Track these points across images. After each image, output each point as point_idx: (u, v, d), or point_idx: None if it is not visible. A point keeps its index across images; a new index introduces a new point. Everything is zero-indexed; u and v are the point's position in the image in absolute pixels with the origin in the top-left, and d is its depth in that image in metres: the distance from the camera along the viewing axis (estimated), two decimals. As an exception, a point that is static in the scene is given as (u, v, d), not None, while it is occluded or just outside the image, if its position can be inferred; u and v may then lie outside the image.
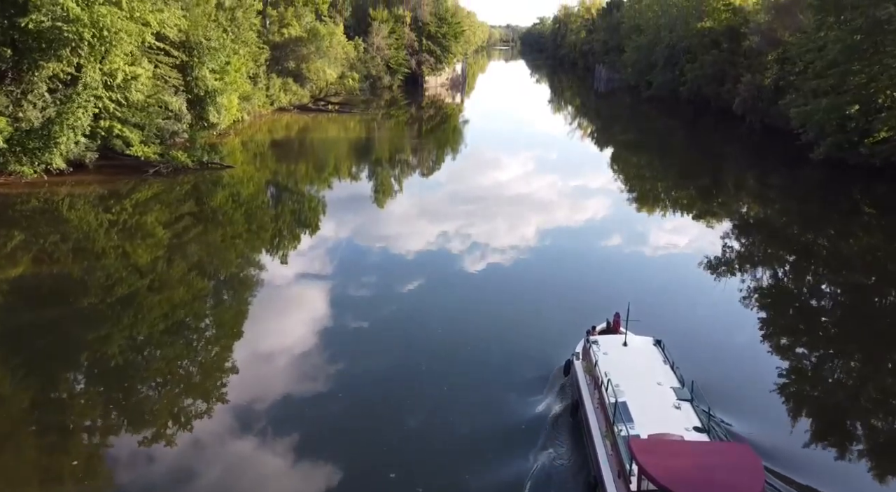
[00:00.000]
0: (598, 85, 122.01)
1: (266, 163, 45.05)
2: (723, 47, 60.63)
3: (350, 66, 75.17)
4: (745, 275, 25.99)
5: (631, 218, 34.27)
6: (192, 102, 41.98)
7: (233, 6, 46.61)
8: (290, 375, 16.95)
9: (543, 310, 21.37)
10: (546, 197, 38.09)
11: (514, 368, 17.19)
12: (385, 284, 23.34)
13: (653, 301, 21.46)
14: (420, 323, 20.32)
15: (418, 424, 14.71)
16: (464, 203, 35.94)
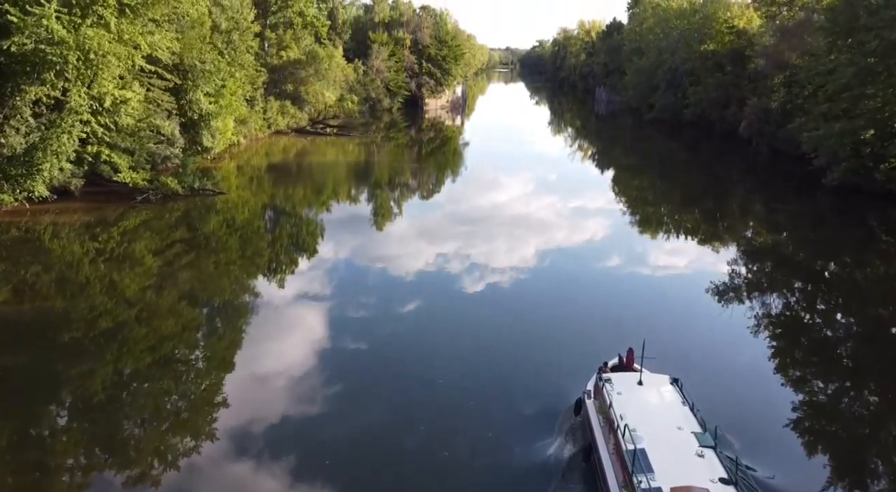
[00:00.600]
0: (598, 107, 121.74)
1: (262, 187, 43.81)
2: (727, 70, 59.82)
3: (349, 88, 74.44)
4: (759, 305, 24.66)
5: (636, 243, 33.22)
6: (186, 126, 40.83)
7: (229, 29, 45.73)
8: (284, 410, 15.82)
9: (549, 340, 20.17)
10: (548, 220, 37.04)
11: (520, 404, 16.12)
12: (383, 313, 22.49)
13: (663, 332, 20.25)
14: (419, 356, 19.28)
15: (414, 469, 13.67)
16: (464, 226, 35.08)
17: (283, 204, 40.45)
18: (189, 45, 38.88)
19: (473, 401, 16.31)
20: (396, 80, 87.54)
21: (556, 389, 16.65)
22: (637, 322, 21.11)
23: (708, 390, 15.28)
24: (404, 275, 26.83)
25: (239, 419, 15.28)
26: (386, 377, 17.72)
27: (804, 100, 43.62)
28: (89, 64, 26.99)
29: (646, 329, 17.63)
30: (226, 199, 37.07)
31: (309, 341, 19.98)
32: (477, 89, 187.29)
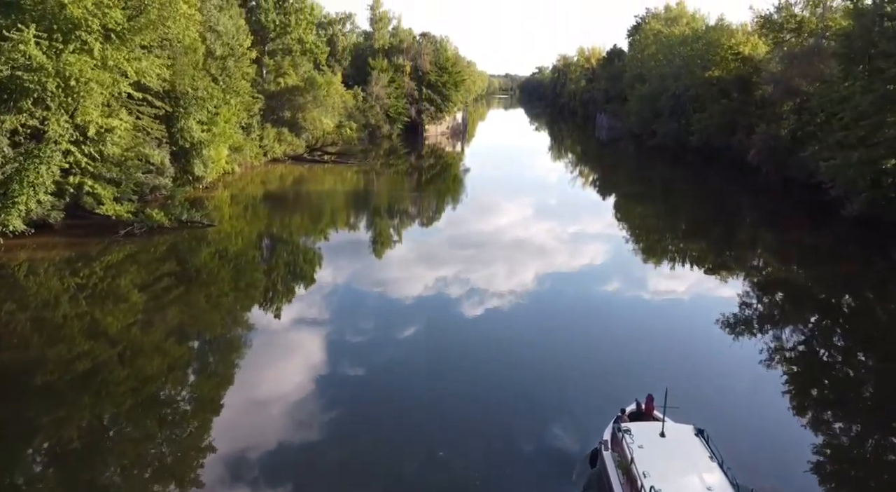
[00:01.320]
0: (599, 133, 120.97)
1: (256, 216, 42.22)
2: (732, 96, 58.67)
3: (348, 115, 73.39)
4: (779, 343, 23.11)
5: (643, 272, 32.08)
6: (177, 155, 39.36)
7: (224, 55, 44.54)
8: (276, 458, 14.70)
9: (557, 377, 18.92)
10: (550, 247, 36.11)
11: (529, 452, 15.03)
12: (383, 351, 21.24)
13: (677, 371, 19.15)
14: (420, 396, 17.97)
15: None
16: (465, 252, 34.22)
17: (279, 233, 39.01)
18: (181, 72, 37.57)
19: (476, 451, 15.01)
20: (396, 106, 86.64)
21: (567, 433, 15.70)
22: (650, 359, 20.19)
23: (735, 442, 14.27)
24: (404, 308, 25.39)
25: (228, 465, 14.35)
26: (385, 428, 16.20)
27: (817, 127, 42.22)
28: (70, 91, 25.46)
29: (658, 367, 17.09)
30: (218, 229, 35.67)
31: (305, 380, 18.84)
32: (477, 115, 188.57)
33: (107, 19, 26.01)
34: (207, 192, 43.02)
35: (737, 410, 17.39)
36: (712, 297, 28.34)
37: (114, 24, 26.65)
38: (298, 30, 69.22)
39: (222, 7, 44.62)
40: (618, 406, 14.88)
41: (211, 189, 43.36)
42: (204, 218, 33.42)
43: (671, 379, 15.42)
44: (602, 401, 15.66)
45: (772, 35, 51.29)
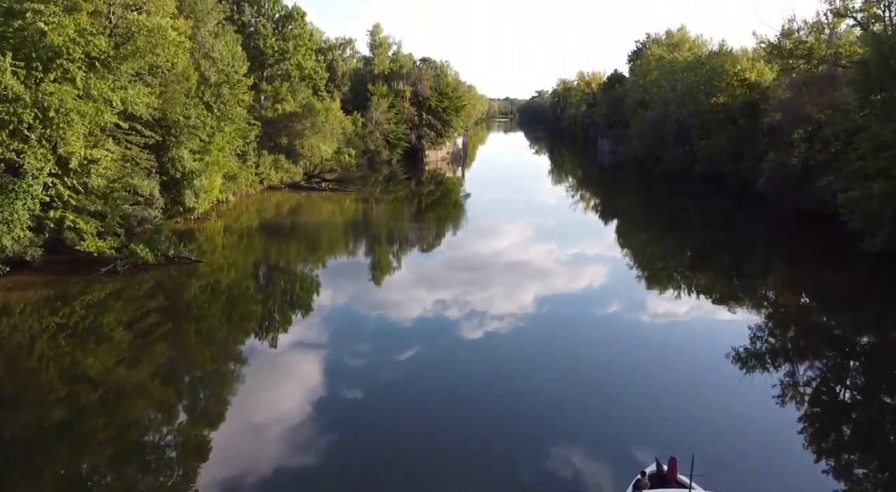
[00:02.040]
0: (601, 158, 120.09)
1: (251, 248, 40.71)
2: (739, 123, 57.43)
3: (347, 141, 72.19)
4: (803, 391, 21.40)
5: (651, 304, 30.92)
6: (167, 185, 37.82)
7: (219, 82, 43.28)
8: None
9: (564, 423, 17.82)
10: (554, 277, 35.36)
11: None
12: (380, 383, 20.58)
13: (691, 417, 18.19)
14: (423, 452, 16.78)
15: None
16: (465, 283, 33.00)
17: (275, 264, 37.71)
18: (173, 100, 36.21)
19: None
20: (396, 132, 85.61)
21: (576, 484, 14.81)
22: (661, 399, 19.52)
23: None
24: (404, 342, 24.40)
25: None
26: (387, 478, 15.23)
27: (831, 157, 40.76)
28: (49, 123, 23.94)
29: (669, 406, 16.54)
30: (210, 261, 34.41)
31: (303, 419, 18.05)
32: (477, 139, 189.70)
33: (90, 47, 24.65)
34: (199, 223, 41.42)
35: (760, 472, 15.69)
36: (722, 329, 27.18)
37: (98, 53, 25.28)
38: (297, 55, 68.38)
39: (218, 34, 43.51)
40: (628, 453, 13.96)
41: (203, 220, 41.75)
42: (192, 254, 31.66)
43: (684, 425, 15.07)
44: (612, 450, 14.96)
45: (781, 61, 50.13)
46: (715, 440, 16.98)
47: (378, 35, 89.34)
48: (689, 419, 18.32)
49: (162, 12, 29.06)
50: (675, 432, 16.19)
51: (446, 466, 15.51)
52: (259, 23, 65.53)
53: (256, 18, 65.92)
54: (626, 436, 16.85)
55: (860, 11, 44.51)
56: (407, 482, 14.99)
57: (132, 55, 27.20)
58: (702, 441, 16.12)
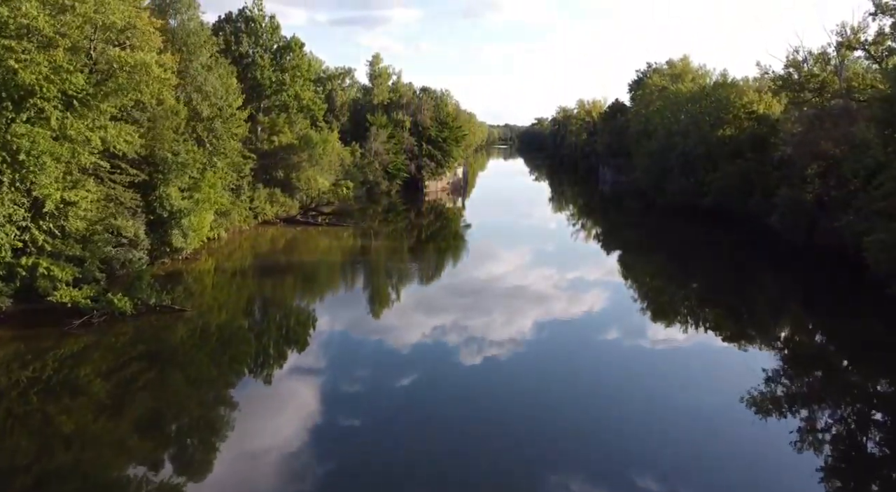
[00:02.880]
0: (603, 187, 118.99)
1: (243, 287, 38.97)
2: (747, 156, 55.90)
3: (345, 172, 70.66)
4: (825, 444, 20.32)
5: (658, 340, 30.31)
6: (154, 225, 35.95)
7: (211, 116, 41.71)
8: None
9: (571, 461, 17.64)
10: (557, 309, 35.16)
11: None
12: (377, 433, 19.80)
13: (701, 475, 17.47)
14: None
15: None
16: (467, 318, 32.42)
17: (268, 304, 36.05)
18: (160, 136, 34.58)
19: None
20: (395, 162, 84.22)
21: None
22: (669, 443, 19.25)
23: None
24: (404, 387, 23.55)
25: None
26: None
27: (850, 195, 39.02)
28: (20, 166, 22.14)
29: (679, 458, 16.29)
30: (199, 303, 32.78)
31: (298, 467, 17.51)
32: (477, 166, 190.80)
33: (66, 85, 23.01)
34: (188, 263, 39.43)
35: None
36: (734, 369, 26.40)
37: (75, 91, 23.62)
38: (295, 86, 67.24)
39: (211, 67, 42.10)
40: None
41: (192, 259, 39.74)
42: (177, 299, 29.55)
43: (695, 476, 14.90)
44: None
45: (792, 95, 48.76)
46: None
47: (377, 65, 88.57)
48: (700, 468, 17.85)
49: (148, 47, 27.53)
50: (684, 481, 15.95)
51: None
52: (257, 54, 64.50)
53: (254, 49, 64.93)
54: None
55: (873, 44, 43.23)
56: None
57: (114, 92, 25.56)
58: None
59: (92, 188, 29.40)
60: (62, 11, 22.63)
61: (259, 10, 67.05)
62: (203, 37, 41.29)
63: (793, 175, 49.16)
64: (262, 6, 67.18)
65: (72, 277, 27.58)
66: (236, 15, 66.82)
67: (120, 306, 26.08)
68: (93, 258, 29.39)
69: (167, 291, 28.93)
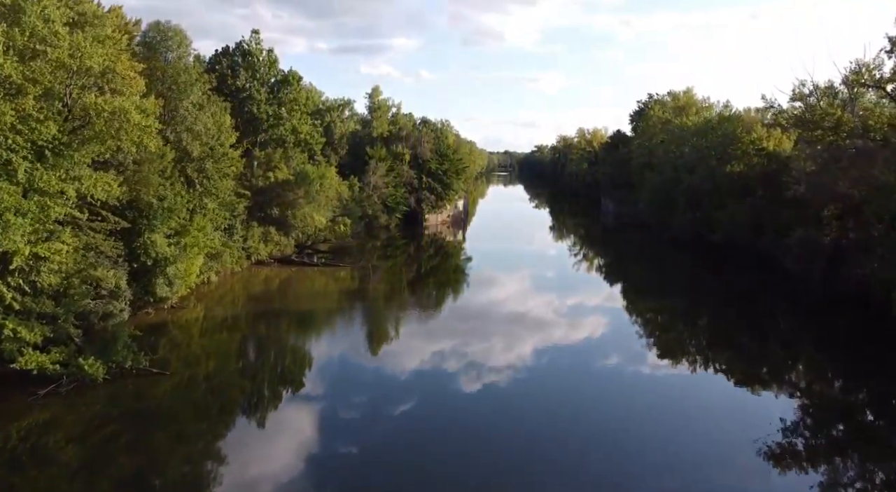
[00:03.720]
0: (605, 219, 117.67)
1: (232, 337, 37.08)
2: (758, 194, 54.12)
3: (343, 207, 68.87)
4: None
5: (668, 381, 29.92)
6: (137, 273, 33.88)
7: (202, 156, 39.97)
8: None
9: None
10: (562, 351, 34.83)
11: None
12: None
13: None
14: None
15: None
16: (472, 365, 31.73)
17: (259, 354, 34.46)
18: (145, 181, 32.73)
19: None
20: (395, 195, 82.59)
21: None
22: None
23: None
24: (399, 443, 22.73)
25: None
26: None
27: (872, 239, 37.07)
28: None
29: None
30: (186, 354, 31.35)
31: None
32: (477, 193, 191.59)
33: (36, 135, 21.20)
34: (174, 312, 37.19)
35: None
36: (745, 415, 25.55)
37: (46, 140, 21.79)
38: (293, 120, 65.92)
39: (203, 105, 40.48)
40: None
41: (178, 308, 37.47)
42: (155, 365, 27.12)
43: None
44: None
45: (807, 133, 47.13)
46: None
47: (377, 98, 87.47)
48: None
49: (130, 91, 25.82)
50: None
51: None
52: (253, 87, 63.19)
53: (251, 83, 63.64)
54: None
55: (890, 82, 41.72)
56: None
57: (91, 140, 23.73)
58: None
59: (68, 239, 27.38)
60: (33, 57, 20.94)
61: (257, 43, 66.02)
62: (194, 74, 39.75)
63: (807, 215, 47.29)
64: (260, 40, 66.30)
65: (41, 338, 25.37)
66: (233, 48, 65.81)
67: (91, 373, 23.85)
68: (67, 315, 27.19)
69: (145, 352, 26.62)
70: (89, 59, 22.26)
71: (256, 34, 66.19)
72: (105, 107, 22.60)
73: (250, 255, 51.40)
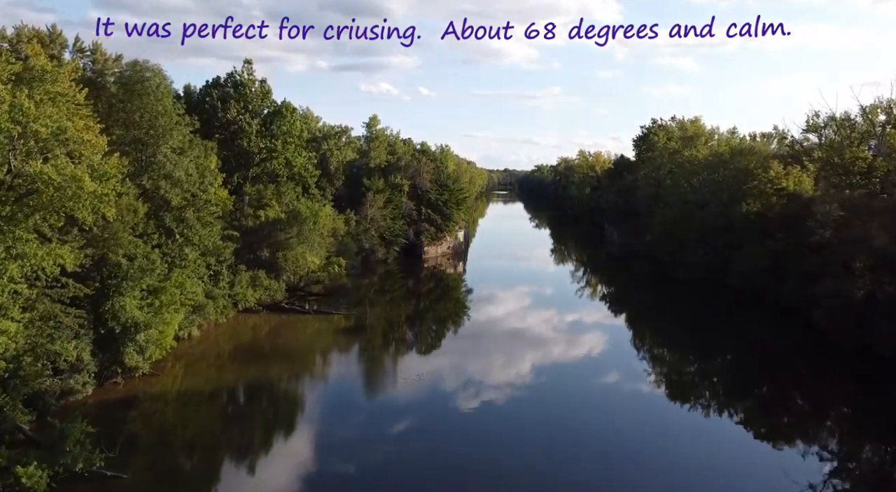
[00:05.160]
0: (610, 247, 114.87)
1: (213, 403, 33.86)
2: (777, 236, 50.92)
3: (338, 243, 65.61)
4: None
5: (685, 431, 29.62)
6: (104, 342, 30.49)
7: (182, 204, 36.73)
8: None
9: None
10: (570, 394, 34.90)
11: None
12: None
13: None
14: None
15: None
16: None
17: (244, 431, 30.70)
18: (113, 241, 29.49)
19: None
20: (393, 228, 79.38)
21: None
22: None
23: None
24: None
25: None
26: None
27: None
28: None
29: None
30: (152, 443, 27.82)
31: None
32: (477, 213, 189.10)
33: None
34: (147, 379, 33.58)
35: None
36: (766, 472, 24.69)
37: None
38: (286, 153, 62.91)
39: (184, 149, 37.33)
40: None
41: (151, 375, 33.76)
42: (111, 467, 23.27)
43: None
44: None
45: (836, 179, 44.05)
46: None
47: (374, 127, 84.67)
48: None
49: (89, 152, 22.67)
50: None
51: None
52: (244, 120, 60.25)
53: (243, 116, 60.72)
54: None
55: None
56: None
57: (38, 209, 20.55)
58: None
59: (17, 315, 24.07)
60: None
61: (249, 74, 63.25)
62: (174, 117, 36.64)
63: (834, 262, 44.08)
64: (252, 70, 63.51)
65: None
66: (224, 79, 62.99)
67: (30, 484, 20.32)
68: (14, 403, 23.83)
69: (101, 448, 22.99)
70: (35, 122, 19.21)
71: (249, 65, 63.48)
72: (53, 176, 19.44)
73: (237, 302, 47.96)
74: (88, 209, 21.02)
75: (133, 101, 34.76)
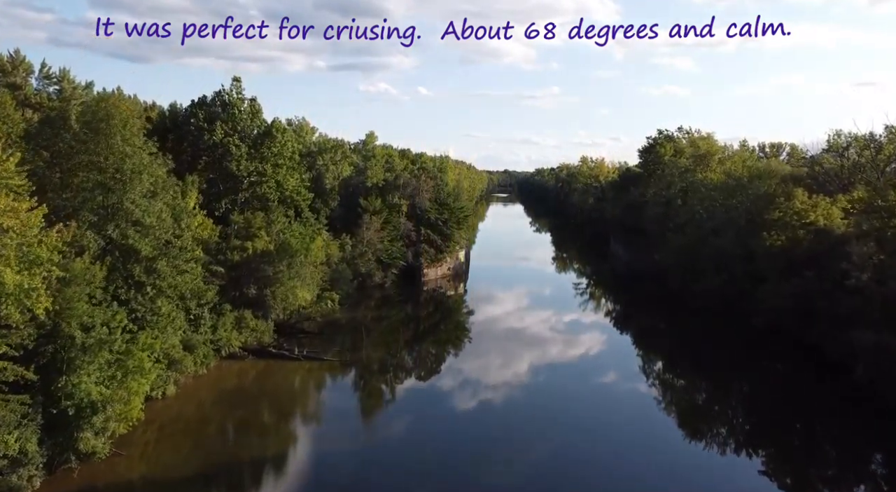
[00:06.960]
0: (616, 264, 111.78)
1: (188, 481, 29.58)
2: (806, 275, 47.04)
3: (333, 271, 61.74)
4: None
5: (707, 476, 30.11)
6: (55, 424, 26.57)
7: (151, 255, 32.74)
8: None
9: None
10: (584, 440, 34.46)
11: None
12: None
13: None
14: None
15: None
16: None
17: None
18: (68, 309, 25.58)
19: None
20: (391, 250, 75.51)
21: None
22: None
23: None
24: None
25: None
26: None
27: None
28: None
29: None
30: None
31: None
32: (476, 218, 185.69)
33: None
34: (110, 460, 29.33)
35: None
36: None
37: None
38: (277, 176, 59.09)
39: (155, 192, 33.37)
40: None
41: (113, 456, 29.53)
42: None
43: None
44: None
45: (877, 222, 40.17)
46: None
47: (371, 144, 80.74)
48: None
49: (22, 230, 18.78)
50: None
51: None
52: (231, 143, 56.34)
53: (230, 137, 56.80)
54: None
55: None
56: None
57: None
58: None
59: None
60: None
61: (238, 93, 59.38)
62: (145, 159, 32.65)
63: (872, 309, 40.26)
64: (242, 89, 59.62)
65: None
66: (211, 98, 59.06)
67: None
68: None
69: None
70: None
71: (237, 82, 59.64)
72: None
73: (220, 348, 44.03)
74: (14, 307, 17.15)
75: (98, 141, 30.80)
